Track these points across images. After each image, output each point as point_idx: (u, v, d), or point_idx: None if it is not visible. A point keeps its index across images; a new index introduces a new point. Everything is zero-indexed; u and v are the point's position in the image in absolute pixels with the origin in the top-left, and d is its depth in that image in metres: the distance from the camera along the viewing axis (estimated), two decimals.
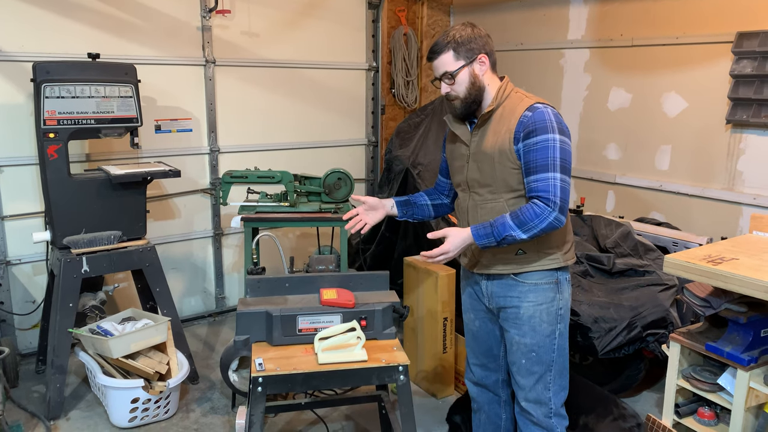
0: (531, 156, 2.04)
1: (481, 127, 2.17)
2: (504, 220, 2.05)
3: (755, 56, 3.34)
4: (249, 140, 4.41)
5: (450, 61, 2.11)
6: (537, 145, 2.03)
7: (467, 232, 2.08)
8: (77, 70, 3.12)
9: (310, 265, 3.41)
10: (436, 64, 2.15)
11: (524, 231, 2.01)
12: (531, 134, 2.04)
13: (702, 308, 2.46)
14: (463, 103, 2.15)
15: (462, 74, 2.11)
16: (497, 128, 2.12)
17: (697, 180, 3.75)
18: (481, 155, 2.16)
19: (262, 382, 2.09)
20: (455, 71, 2.11)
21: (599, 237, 3.51)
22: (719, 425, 2.54)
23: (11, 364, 3.36)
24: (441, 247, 2.10)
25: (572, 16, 4.34)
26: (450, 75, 2.12)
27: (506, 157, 2.09)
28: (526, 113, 2.07)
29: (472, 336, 2.46)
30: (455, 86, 2.13)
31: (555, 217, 2.00)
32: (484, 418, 2.56)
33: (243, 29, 4.24)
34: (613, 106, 4.17)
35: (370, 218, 2.41)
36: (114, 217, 3.29)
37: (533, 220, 2.01)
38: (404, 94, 5.13)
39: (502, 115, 2.13)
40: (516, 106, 2.12)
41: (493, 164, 2.12)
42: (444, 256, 2.10)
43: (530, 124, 2.04)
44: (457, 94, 2.14)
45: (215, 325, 4.39)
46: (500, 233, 2.03)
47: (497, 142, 2.11)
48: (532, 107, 2.08)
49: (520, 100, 2.13)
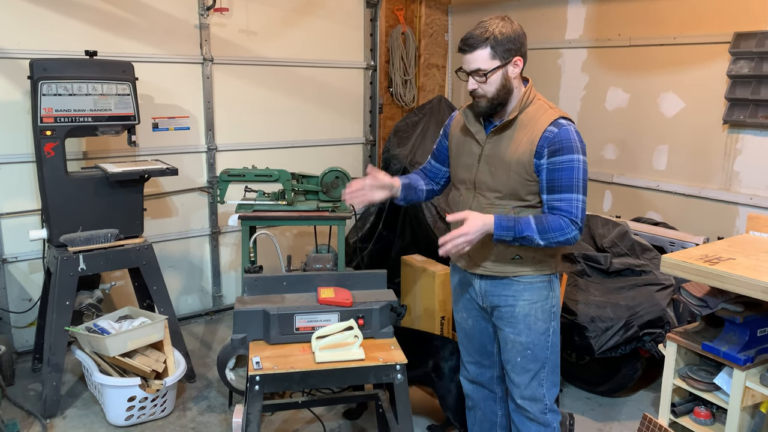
0: (556, 175, 2.03)
1: (501, 132, 2.12)
2: (528, 220, 2.03)
3: (752, 57, 3.35)
4: (246, 138, 4.40)
5: (485, 59, 2.01)
6: (563, 164, 2.02)
7: (489, 219, 2.01)
8: (74, 67, 3.11)
9: (308, 264, 3.41)
10: (468, 57, 2.03)
11: (543, 238, 2.02)
12: (557, 153, 2.02)
13: (699, 308, 2.47)
14: (490, 103, 2.08)
15: (495, 75, 2.03)
16: (518, 137, 2.08)
17: (694, 180, 3.76)
18: (495, 160, 2.12)
19: (260, 380, 2.09)
20: (489, 71, 2.02)
21: (596, 236, 3.52)
22: (715, 425, 2.55)
23: (7, 362, 3.35)
24: (460, 228, 1.99)
25: (570, 15, 4.34)
26: (483, 73, 2.02)
27: (524, 169, 2.07)
28: (551, 128, 2.04)
29: (465, 335, 2.46)
30: (485, 85, 2.04)
31: (574, 235, 2.03)
32: (479, 415, 2.56)
33: (241, 27, 4.24)
34: (610, 106, 4.18)
35: (374, 195, 2.25)
36: (111, 215, 3.28)
37: (555, 231, 2.01)
38: (402, 93, 5.13)
39: (524, 122, 2.08)
40: (539, 116, 2.08)
41: (509, 172, 2.09)
42: (464, 238, 1.98)
43: (556, 142, 2.02)
44: (484, 93, 2.06)
45: (212, 323, 4.39)
46: (521, 231, 2.01)
47: (517, 151, 2.07)
48: (557, 123, 2.05)
49: (544, 111, 2.09)
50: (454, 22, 5.35)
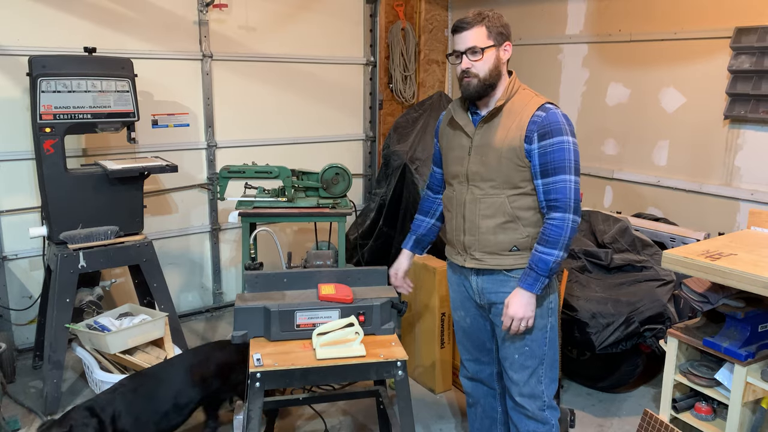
0: (548, 158, 2.05)
1: (489, 120, 2.15)
2: (538, 256, 2.06)
3: (753, 52, 3.34)
4: (246, 135, 4.39)
5: (482, 37, 2.07)
6: (553, 146, 2.05)
7: (522, 291, 2.10)
8: (74, 64, 3.10)
9: (308, 261, 3.41)
10: (464, 35, 2.08)
11: (558, 248, 2.04)
12: (546, 135, 2.05)
13: (700, 303, 2.46)
14: (481, 83, 2.11)
15: (489, 53, 2.08)
16: (507, 123, 2.11)
17: (694, 175, 3.76)
18: (486, 149, 2.14)
19: (261, 377, 2.09)
20: (485, 47, 2.07)
21: (597, 232, 3.51)
22: (716, 420, 2.54)
23: (8, 360, 3.35)
24: (511, 314, 2.11)
25: (570, 11, 4.33)
26: (479, 50, 2.07)
27: (515, 154, 2.09)
28: (538, 113, 2.08)
29: (464, 333, 2.45)
30: (479, 63, 2.08)
31: (572, 219, 2.05)
32: (480, 412, 2.56)
33: (240, 23, 4.22)
34: (611, 102, 4.17)
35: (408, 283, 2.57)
36: (111, 212, 3.28)
37: (559, 235, 2.04)
38: (402, 89, 5.12)
39: (511, 110, 2.12)
40: (526, 103, 2.11)
41: (500, 159, 2.11)
42: (524, 322, 2.11)
43: (545, 125, 2.06)
44: (477, 72, 2.09)
45: (212, 320, 4.39)
46: (544, 270, 2.05)
47: (506, 137, 2.10)
48: (544, 107, 2.09)
49: (530, 98, 2.13)
50: (454, 17, 5.33)
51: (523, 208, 2.15)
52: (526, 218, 2.15)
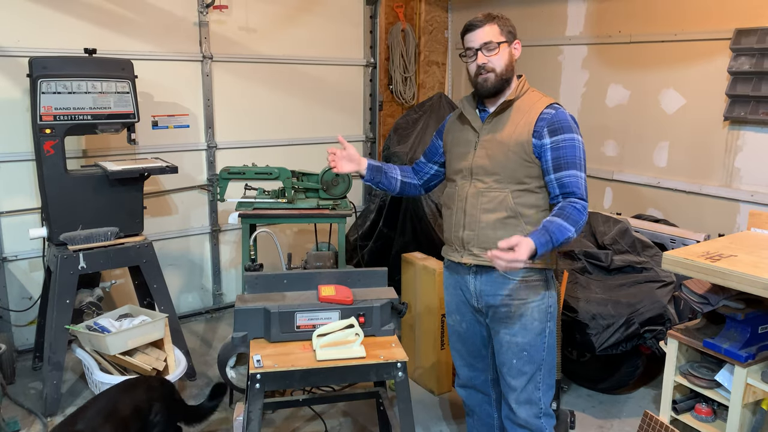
0: (561, 152, 2.07)
1: (498, 115, 2.17)
2: (559, 223, 1.98)
3: (753, 53, 3.34)
4: (246, 136, 4.40)
5: (495, 33, 2.11)
6: (564, 142, 2.08)
7: (532, 244, 1.90)
8: (74, 65, 3.10)
9: (308, 262, 3.41)
10: (477, 33, 2.11)
11: (575, 228, 2.00)
12: (557, 131, 2.08)
13: (700, 305, 2.46)
14: (498, 78, 2.13)
15: (503, 48, 2.12)
16: (515, 119, 2.14)
17: (694, 177, 3.76)
18: (493, 143, 2.15)
19: (260, 378, 2.09)
20: (500, 42, 2.11)
21: (597, 234, 3.51)
22: (716, 422, 2.54)
23: (8, 361, 3.35)
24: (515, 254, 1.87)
25: (570, 12, 4.33)
26: (495, 45, 2.10)
27: (522, 149, 2.11)
28: (548, 110, 2.12)
29: (458, 337, 2.42)
30: (495, 58, 2.11)
31: (587, 213, 2.07)
32: (476, 420, 2.55)
33: (240, 25, 4.23)
34: (611, 103, 4.17)
35: (343, 166, 2.36)
36: (111, 213, 3.28)
37: (579, 217, 2.02)
38: (402, 91, 5.12)
39: (520, 107, 2.15)
40: (534, 101, 2.16)
41: (507, 153, 2.12)
42: (516, 264, 1.89)
43: (555, 122, 2.09)
44: (494, 67, 2.12)
45: (212, 321, 4.39)
46: (558, 239, 1.96)
47: (515, 132, 2.12)
48: (553, 106, 2.14)
49: (538, 98, 2.17)
50: (454, 19, 5.34)
51: (525, 206, 2.14)
52: (528, 216, 2.14)
